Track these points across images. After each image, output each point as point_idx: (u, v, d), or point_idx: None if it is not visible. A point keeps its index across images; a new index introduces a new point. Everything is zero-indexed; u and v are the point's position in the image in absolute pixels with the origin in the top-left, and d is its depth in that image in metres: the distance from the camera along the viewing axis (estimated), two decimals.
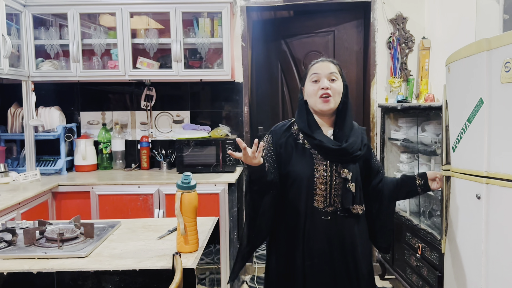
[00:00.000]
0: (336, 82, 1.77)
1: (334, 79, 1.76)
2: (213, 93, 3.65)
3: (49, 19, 3.41)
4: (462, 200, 2.04)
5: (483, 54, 1.75)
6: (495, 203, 1.75)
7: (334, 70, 1.78)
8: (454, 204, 2.13)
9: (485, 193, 1.78)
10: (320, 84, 1.75)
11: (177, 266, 1.39)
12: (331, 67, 1.78)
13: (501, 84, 1.66)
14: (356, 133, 1.84)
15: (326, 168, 1.76)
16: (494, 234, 1.78)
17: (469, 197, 1.92)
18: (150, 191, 3.00)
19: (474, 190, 1.86)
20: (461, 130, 1.95)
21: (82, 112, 3.66)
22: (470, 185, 1.91)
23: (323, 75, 1.75)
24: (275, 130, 1.87)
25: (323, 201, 1.77)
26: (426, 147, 2.74)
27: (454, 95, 2.07)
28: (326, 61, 1.80)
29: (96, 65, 3.35)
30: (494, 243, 1.78)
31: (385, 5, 3.49)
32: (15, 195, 2.58)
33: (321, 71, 1.76)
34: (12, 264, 1.47)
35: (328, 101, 1.75)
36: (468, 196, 1.93)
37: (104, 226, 1.86)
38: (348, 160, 1.77)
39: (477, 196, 1.82)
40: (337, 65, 1.82)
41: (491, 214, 1.77)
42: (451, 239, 2.17)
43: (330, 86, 1.75)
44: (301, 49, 3.98)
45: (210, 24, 3.30)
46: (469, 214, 1.95)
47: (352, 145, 1.76)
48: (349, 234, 1.79)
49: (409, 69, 3.51)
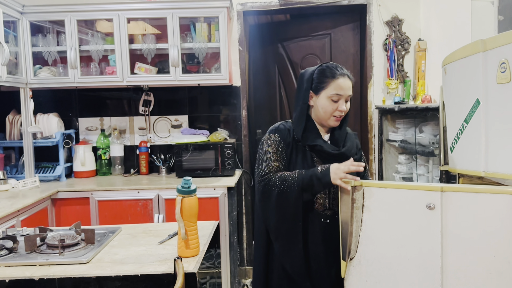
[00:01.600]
0: (348, 103, 1.81)
1: (348, 100, 1.80)
2: (211, 97, 3.66)
3: (46, 26, 3.42)
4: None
5: (479, 55, 1.77)
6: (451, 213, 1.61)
7: (351, 91, 1.80)
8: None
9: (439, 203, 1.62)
10: (339, 106, 1.76)
11: (178, 270, 1.39)
12: (351, 87, 1.79)
13: (497, 85, 1.68)
14: (351, 138, 1.89)
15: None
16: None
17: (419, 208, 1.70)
18: (150, 196, 3.01)
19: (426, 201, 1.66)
20: (459, 131, 1.96)
21: (81, 118, 3.66)
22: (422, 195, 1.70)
23: (344, 97, 1.76)
24: (280, 129, 1.86)
25: (323, 205, 1.78)
26: (424, 148, 2.76)
27: (451, 96, 2.08)
28: (348, 80, 1.79)
29: (94, 71, 3.35)
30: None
31: (381, 7, 3.51)
32: (15, 203, 2.58)
33: (343, 92, 1.76)
34: (14, 271, 1.47)
35: (339, 120, 1.80)
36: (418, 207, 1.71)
37: (104, 231, 1.87)
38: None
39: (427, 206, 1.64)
40: (352, 80, 1.83)
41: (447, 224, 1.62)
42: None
43: (347, 108, 1.78)
44: (298, 52, 4.00)
45: (207, 28, 3.31)
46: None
47: (349, 149, 1.81)
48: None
49: (406, 70, 3.53)
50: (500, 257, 1.56)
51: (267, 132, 1.89)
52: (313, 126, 1.83)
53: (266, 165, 1.80)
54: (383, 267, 1.70)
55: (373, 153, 3.56)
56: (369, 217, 1.69)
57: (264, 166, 1.81)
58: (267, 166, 1.80)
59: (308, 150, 1.81)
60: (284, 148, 1.82)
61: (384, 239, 1.69)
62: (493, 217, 1.57)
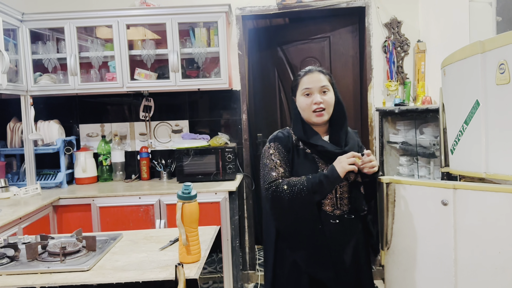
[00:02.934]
0: (328, 94, 1.76)
1: (325, 91, 1.76)
2: (211, 102, 3.66)
3: (46, 33, 3.43)
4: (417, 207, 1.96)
5: (477, 57, 1.77)
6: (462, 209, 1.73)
7: (325, 82, 1.76)
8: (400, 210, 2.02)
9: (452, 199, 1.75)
10: (313, 99, 1.74)
11: (180, 277, 1.39)
12: (321, 79, 1.77)
13: (496, 86, 1.68)
14: (352, 137, 1.88)
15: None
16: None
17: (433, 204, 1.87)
18: (151, 201, 3.01)
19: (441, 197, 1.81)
20: (459, 132, 1.96)
21: (81, 124, 3.67)
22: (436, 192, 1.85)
23: (315, 89, 1.75)
24: (279, 137, 1.85)
25: (331, 205, 1.77)
26: (425, 150, 2.75)
27: (451, 98, 2.08)
28: (316, 72, 1.78)
29: (94, 78, 3.36)
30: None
31: (380, 9, 3.51)
32: (16, 210, 2.58)
33: (312, 85, 1.75)
34: (15, 279, 1.47)
35: (322, 114, 1.76)
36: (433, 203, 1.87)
37: (106, 238, 1.87)
38: None
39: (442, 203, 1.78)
40: (327, 74, 1.81)
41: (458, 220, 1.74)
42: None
43: (323, 99, 1.74)
44: (297, 56, 4.00)
45: (206, 33, 3.32)
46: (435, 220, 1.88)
47: (352, 148, 1.79)
48: (354, 237, 1.82)
49: (406, 72, 3.53)
50: (505, 254, 1.60)
51: (267, 142, 1.89)
52: (311, 129, 1.83)
53: (271, 173, 1.79)
54: (409, 256, 1.90)
55: (374, 155, 3.56)
56: (398, 211, 1.93)
57: (269, 174, 1.79)
58: (272, 173, 1.79)
59: (310, 153, 1.81)
60: (286, 155, 1.82)
61: (409, 232, 1.90)
62: (500, 215, 1.62)
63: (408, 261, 1.90)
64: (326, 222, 1.77)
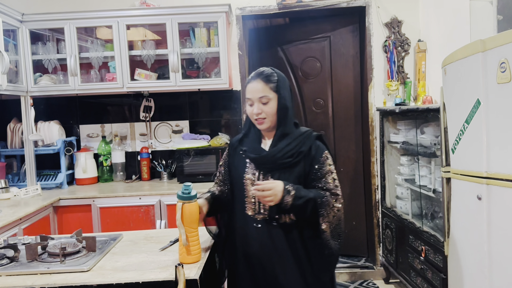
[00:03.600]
0: (268, 104, 1.70)
1: (265, 102, 1.70)
2: (211, 102, 3.66)
3: (46, 34, 3.43)
4: (463, 202, 2.04)
5: (478, 55, 1.76)
6: (496, 204, 1.76)
7: (263, 92, 1.70)
8: (456, 205, 2.13)
9: (486, 194, 1.78)
10: (253, 109, 1.72)
11: (180, 277, 1.39)
12: (260, 88, 1.70)
13: (498, 85, 1.67)
14: (294, 140, 1.73)
15: (255, 176, 1.73)
16: (496, 235, 1.77)
17: (469, 198, 1.92)
18: (151, 202, 3.00)
19: (475, 191, 1.86)
20: (460, 131, 1.96)
21: (82, 125, 3.67)
22: (470, 186, 1.91)
23: (254, 99, 1.71)
24: (232, 142, 1.90)
25: (253, 209, 1.75)
26: (425, 149, 2.74)
27: (452, 97, 2.08)
28: (256, 82, 1.72)
29: (94, 78, 3.36)
30: (496, 244, 1.78)
31: (380, 9, 3.51)
32: (17, 211, 2.58)
33: (252, 95, 1.72)
34: (15, 280, 1.46)
35: (262, 123, 1.73)
36: (468, 197, 1.93)
37: (106, 239, 1.86)
38: (273, 168, 1.71)
39: (477, 197, 1.82)
40: (270, 81, 1.72)
41: (492, 214, 1.77)
42: (454, 241, 2.16)
43: (262, 110, 1.70)
44: (297, 56, 4.00)
45: (206, 33, 3.31)
46: (470, 215, 1.95)
47: (274, 152, 1.70)
48: (280, 243, 1.71)
49: (406, 71, 3.52)
50: None
51: None
52: (256, 132, 1.81)
53: (215, 178, 1.97)
54: (458, 246, 2.09)
55: (375, 155, 3.55)
56: (452, 205, 2.13)
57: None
58: (215, 178, 1.97)
59: (244, 155, 1.80)
60: (227, 161, 1.89)
61: (457, 224, 2.09)
62: None
63: (458, 250, 2.08)
64: (250, 225, 1.74)
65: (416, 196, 3.04)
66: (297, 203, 1.63)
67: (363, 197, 3.85)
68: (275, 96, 1.72)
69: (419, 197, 2.94)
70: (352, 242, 3.94)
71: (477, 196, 1.83)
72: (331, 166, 1.74)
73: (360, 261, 3.85)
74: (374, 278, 3.61)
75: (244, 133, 1.85)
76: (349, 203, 3.93)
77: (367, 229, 3.84)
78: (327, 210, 1.66)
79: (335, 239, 1.70)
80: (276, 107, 1.72)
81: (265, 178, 1.72)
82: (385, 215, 3.41)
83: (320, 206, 1.65)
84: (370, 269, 3.65)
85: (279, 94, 1.72)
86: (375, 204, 3.59)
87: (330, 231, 1.67)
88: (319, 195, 1.67)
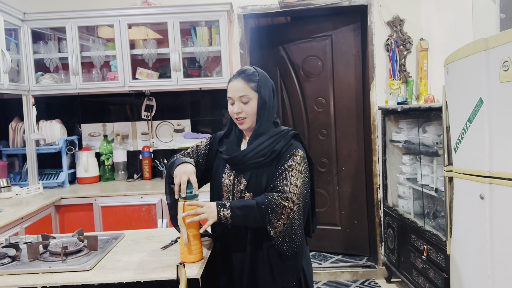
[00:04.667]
0: (249, 104, 1.68)
1: (245, 101, 1.68)
2: (213, 101, 3.65)
3: (47, 33, 3.43)
4: (465, 201, 2.03)
5: (481, 54, 1.76)
6: (498, 203, 1.75)
7: (244, 91, 1.68)
8: (458, 205, 2.12)
9: (488, 193, 1.77)
10: (234, 109, 1.70)
11: (181, 276, 1.38)
12: (240, 88, 1.68)
13: (500, 83, 1.66)
14: (268, 139, 1.68)
15: (230, 177, 1.71)
16: (498, 234, 1.77)
17: (472, 198, 1.91)
18: (153, 201, 3.00)
19: (477, 191, 1.85)
20: (462, 130, 1.95)
21: (83, 124, 3.67)
22: (473, 185, 1.90)
23: (235, 98, 1.69)
24: (216, 136, 1.85)
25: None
26: (428, 148, 2.74)
27: (454, 96, 2.07)
28: (237, 81, 1.70)
29: (96, 77, 3.36)
30: (499, 243, 1.77)
31: (382, 7, 3.50)
32: (18, 210, 2.58)
33: (232, 94, 1.70)
34: (17, 279, 1.46)
35: (243, 122, 1.71)
36: (471, 197, 1.92)
37: (107, 238, 1.86)
38: (244, 168, 1.68)
39: (480, 196, 1.81)
40: (251, 80, 1.69)
41: (495, 214, 1.76)
42: (456, 240, 2.16)
43: (242, 109, 1.68)
44: (299, 54, 3.99)
45: (208, 32, 3.31)
46: (473, 214, 1.94)
47: (245, 152, 1.67)
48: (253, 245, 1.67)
49: (408, 70, 3.51)
50: None
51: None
52: (235, 133, 1.79)
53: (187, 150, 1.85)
54: (460, 245, 2.09)
55: (377, 154, 3.54)
56: (454, 204, 2.14)
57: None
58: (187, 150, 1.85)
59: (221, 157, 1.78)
60: (207, 150, 1.84)
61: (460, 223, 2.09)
62: None
63: (460, 249, 2.07)
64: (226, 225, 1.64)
65: (418, 195, 3.03)
66: (238, 214, 1.57)
67: (365, 196, 3.85)
68: (255, 96, 1.69)
69: (421, 196, 2.93)
70: (354, 241, 3.93)
71: (480, 196, 1.82)
72: (295, 164, 1.64)
73: (362, 260, 3.84)
74: (376, 277, 3.60)
75: (225, 132, 1.81)
76: (351, 202, 3.92)
77: (369, 228, 3.83)
78: (273, 215, 1.57)
79: (289, 245, 1.60)
80: (256, 107, 1.69)
81: (238, 178, 1.68)
82: (387, 214, 3.40)
83: (265, 212, 1.57)
84: (372, 268, 3.65)
85: (260, 93, 1.69)
86: (377, 203, 3.59)
87: (279, 235, 1.58)
88: (262, 201, 1.58)
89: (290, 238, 1.60)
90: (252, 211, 1.57)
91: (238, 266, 1.69)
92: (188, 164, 1.64)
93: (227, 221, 1.57)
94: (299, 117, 4.08)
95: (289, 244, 1.60)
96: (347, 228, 3.97)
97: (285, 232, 1.59)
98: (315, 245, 4.05)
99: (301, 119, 4.07)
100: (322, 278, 3.61)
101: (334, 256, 3.98)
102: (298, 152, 1.67)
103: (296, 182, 1.62)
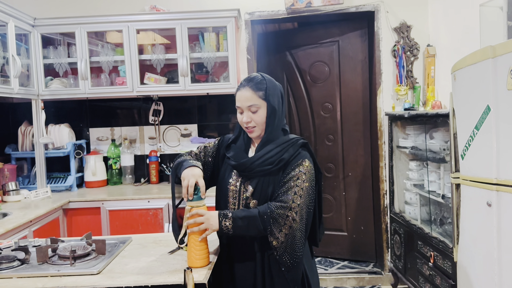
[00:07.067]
0: (257, 112, 1.67)
1: (254, 111, 1.67)
2: (220, 106, 3.67)
3: (57, 38, 3.47)
4: (472, 208, 2.02)
5: (488, 62, 1.76)
6: (506, 210, 1.74)
7: (252, 101, 1.67)
8: (465, 212, 2.11)
9: (496, 201, 1.77)
10: (243, 118, 1.70)
11: (188, 281, 1.39)
12: (249, 97, 1.67)
13: (508, 91, 1.66)
14: (277, 147, 1.67)
15: (236, 183, 1.70)
16: (506, 242, 1.76)
17: (479, 205, 1.90)
18: (160, 205, 3.02)
19: (485, 198, 1.84)
20: (469, 137, 1.95)
21: (91, 128, 3.70)
22: (480, 192, 1.90)
23: (243, 108, 1.69)
24: (224, 139, 1.84)
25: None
26: (435, 155, 2.73)
27: (461, 103, 2.07)
28: (244, 90, 1.70)
29: (104, 82, 3.39)
30: (506, 251, 1.76)
31: (389, 14, 3.50)
32: (27, 213, 2.60)
33: (241, 103, 1.70)
34: (26, 282, 1.48)
35: (252, 131, 1.70)
36: (478, 204, 1.92)
37: (115, 242, 1.88)
38: (252, 175, 1.67)
39: (487, 204, 1.81)
40: (259, 89, 1.68)
41: (502, 221, 1.75)
42: (463, 247, 2.15)
43: (252, 118, 1.68)
44: (306, 60, 4.00)
45: (215, 38, 3.33)
46: (480, 221, 1.93)
47: (253, 159, 1.66)
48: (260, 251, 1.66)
49: (415, 76, 3.51)
50: None
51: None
52: (243, 139, 1.78)
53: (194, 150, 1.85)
54: (467, 252, 2.08)
55: (384, 160, 3.54)
56: (461, 211, 2.12)
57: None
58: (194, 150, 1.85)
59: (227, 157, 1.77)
60: (214, 152, 1.83)
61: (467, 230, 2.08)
62: None
63: (468, 255, 2.07)
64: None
65: (425, 202, 3.02)
66: (239, 225, 1.56)
67: (371, 202, 3.84)
68: (264, 104, 1.67)
69: (428, 202, 2.92)
70: (360, 247, 3.92)
71: (487, 203, 1.81)
72: (300, 174, 1.62)
73: (368, 266, 3.83)
74: (382, 283, 3.59)
75: (233, 138, 1.80)
76: (357, 208, 3.91)
77: (376, 234, 3.82)
78: (275, 225, 1.56)
79: (290, 255, 1.59)
80: (265, 115, 1.68)
81: (244, 185, 1.67)
82: (393, 220, 3.39)
83: (267, 222, 1.56)
84: (378, 275, 3.64)
85: (268, 102, 1.68)
86: (383, 209, 3.58)
87: (281, 246, 1.57)
88: (264, 210, 1.57)
89: (292, 249, 1.59)
90: (254, 221, 1.57)
91: (243, 275, 1.69)
92: (196, 168, 1.64)
93: (229, 232, 1.57)
94: (305, 122, 4.09)
95: (291, 254, 1.59)
96: (354, 234, 3.96)
97: (287, 242, 1.58)
98: (321, 251, 4.04)
99: (308, 125, 4.08)
100: (328, 284, 3.60)
101: (340, 262, 3.97)
102: (305, 161, 1.65)
103: (301, 192, 1.60)
